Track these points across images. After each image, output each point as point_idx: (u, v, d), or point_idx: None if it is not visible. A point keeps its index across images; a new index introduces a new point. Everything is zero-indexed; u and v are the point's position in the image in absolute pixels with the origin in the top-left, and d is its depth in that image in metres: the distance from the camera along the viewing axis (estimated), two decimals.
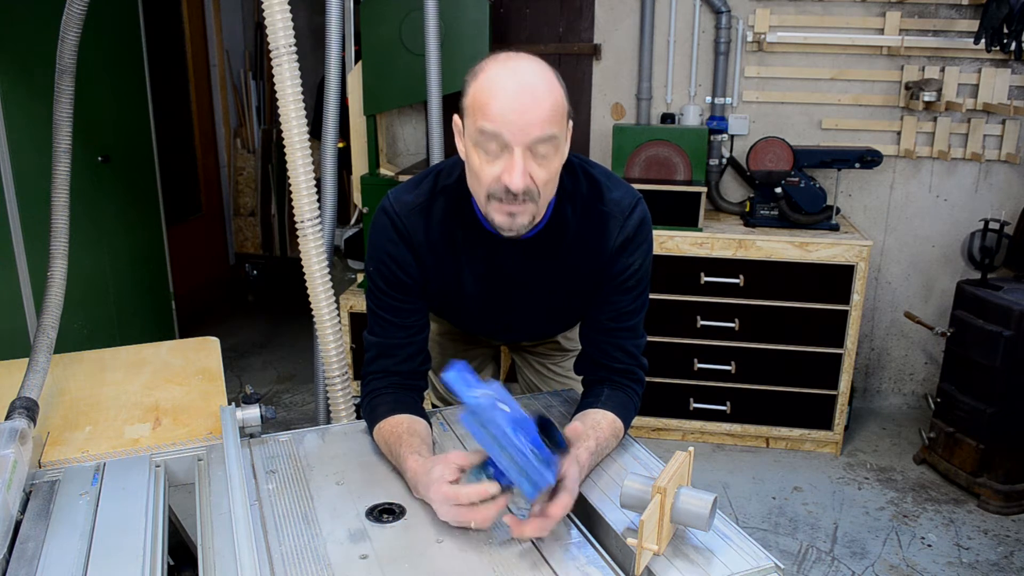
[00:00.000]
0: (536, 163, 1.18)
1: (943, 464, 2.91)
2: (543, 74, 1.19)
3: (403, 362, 1.39)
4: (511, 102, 1.15)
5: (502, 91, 1.16)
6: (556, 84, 1.20)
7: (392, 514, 1.16)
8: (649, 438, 3.19)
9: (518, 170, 1.16)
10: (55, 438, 1.39)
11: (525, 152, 1.17)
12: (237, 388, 3.56)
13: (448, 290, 1.42)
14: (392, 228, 1.36)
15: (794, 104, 3.30)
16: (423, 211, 1.36)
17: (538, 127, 1.15)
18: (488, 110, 1.16)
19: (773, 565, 1.04)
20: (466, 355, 1.86)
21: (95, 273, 3.23)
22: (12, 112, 2.69)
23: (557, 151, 1.21)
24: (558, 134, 1.19)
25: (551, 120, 1.17)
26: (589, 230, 1.35)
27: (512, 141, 1.16)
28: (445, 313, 1.57)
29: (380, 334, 1.40)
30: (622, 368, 1.40)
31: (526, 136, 1.15)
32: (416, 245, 1.36)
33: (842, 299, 2.92)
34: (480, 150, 1.19)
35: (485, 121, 1.16)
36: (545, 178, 1.21)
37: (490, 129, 1.15)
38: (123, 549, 1.05)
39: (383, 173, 3.24)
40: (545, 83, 1.18)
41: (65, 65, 1.73)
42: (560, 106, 1.19)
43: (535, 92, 1.16)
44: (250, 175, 5.04)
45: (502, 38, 3.36)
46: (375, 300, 1.40)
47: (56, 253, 1.71)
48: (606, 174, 1.40)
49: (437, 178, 1.38)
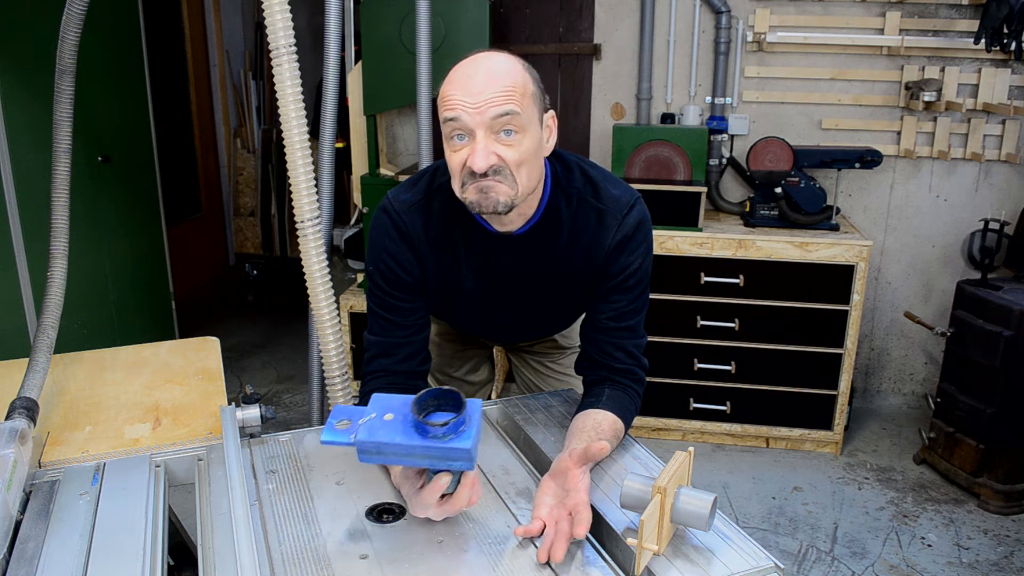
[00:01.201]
0: (502, 144, 1.20)
1: (943, 464, 2.91)
2: (505, 60, 1.21)
3: (402, 361, 1.39)
4: (467, 86, 1.17)
5: (460, 76, 1.19)
6: (519, 67, 1.21)
7: (392, 514, 1.16)
8: (649, 438, 3.19)
9: (480, 149, 1.18)
10: (55, 438, 1.39)
11: (488, 134, 1.18)
12: (237, 388, 3.56)
13: (447, 287, 1.42)
14: (392, 226, 1.37)
15: (794, 104, 3.30)
16: (422, 209, 1.36)
17: (495, 106, 1.16)
18: (447, 97, 1.18)
19: (773, 565, 1.04)
20: (463, 356, 1.86)
21: (95, 273, 3.23)
22: (12, 112, 2.68)
23: (525, 131, 1.21)
24: (519, 111, 1.18)
25: (508, 97, 1.17)
26: (585, 226, 1.35)
27: (471, 123, 1.17)
28: (444, 313, 1.57)
29: (380, 333, 1.40)
30: (622, 368, 1.40)
31: (482, 115, 1.17)
32: (416, 243, 1.37)
33: (842, 299, 2.92)
34: (449, 142, 1.21)
35: (445, 109, 1.19)
36: (515, 158, 1.20)
37: (449, 115, 1.18)
38: (123, 549, 1.04)
39: (383, 173, 3.24)
40: (504, 64, 1.20)
41: (65, 65, 1.73)
42: (521, 85, 1.19)
43: (491, 71, 1.18)
44: (250, 175, 5.04)
45: (502, 38, 3.36)
46: (375, 299, 1.41)
47: (56, 253, 1.71)
48: (604, 174, 1.40)
49: (433, 177, 1.39)
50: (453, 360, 1.86)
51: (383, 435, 1.01)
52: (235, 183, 5.06)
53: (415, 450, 1.01)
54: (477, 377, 1.93)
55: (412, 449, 1.01)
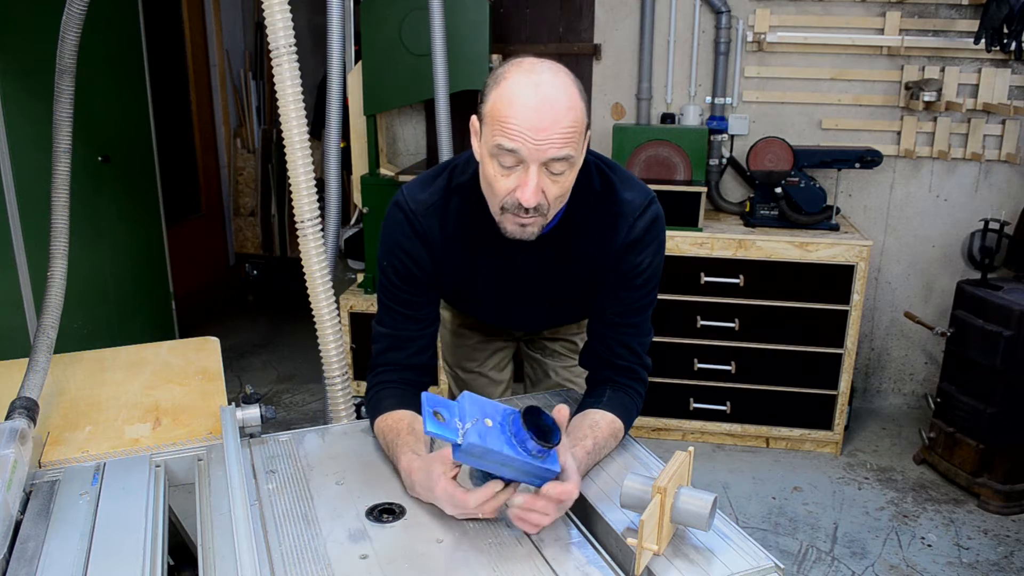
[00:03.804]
0: (550, 179, 1.19)
1: (943, 464, 2.91)
2: (566, 89, 1.17)
3: (415, 355, 1.40)
4: (531, 120, 1.13)
5: (523, 107, 1.14)
6: (578, 99, 1.18)
7: (392, 514, 1.16)
8: (649, 438, 3.19)
9: (531, 187, 1.17)
10: (55, 438, 1.39)
11: (540, 168, 1.17)
12: (237, 388, 3.56)
13: (462, 284, 1.43)
14: (408, 224, 1.36)
15: (794, 104, 3.30)
16: (438, 211, 1.36)
17: (556, 147, 1.15)
18: (507, 126, 1.15)
19: (773, 565, 1.04)
20: (485, 348, 1.85)
21: (95, 273, 3.23)
22: (12, 112, 2.69)
23: (572, 167, 1.21)
24: (574, 154, 1.18)
25: (569, 140, 1.16)
26: (599, 228, 1.36)
27: (528, 158, 1.16)
28: (459, 303, 1.59)
29: (392, 326, 1.40)
30: (625, 366, 1.40)
31: (542, 155, 1.15)
32: (431, 242, 1.37)
33: (842, 299, 2.92)
34: (495, 161, 1.19)
35: (504, 138, 1.15)
36: (557, 193, 1.21)
37: (508, 146, 1.15)
38: (123, 549, 1.04)
39: (383, 173, 3.24)
40: (567, 99, 1.16)
41: (65, 65, 1.73)
42: (580, 123, 1.18)
43: (555, 110, 1.14)
44: (250, 175, 5.04)
45: (502, 38, 3.36)
46: (388, 294, 1.41)
47: (56, 253, 1.71)
48: (620, 174, 1.40)
49: (451, 175, 1.38)
50: (475, 352, 1.85)
51: (492, 442, 1.03)
52: (235, 183, 5.06)
53: (515, 462, 1.04)
54: (501, 376, 1.90)
55: (513, 461, 1.04)
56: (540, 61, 1.20)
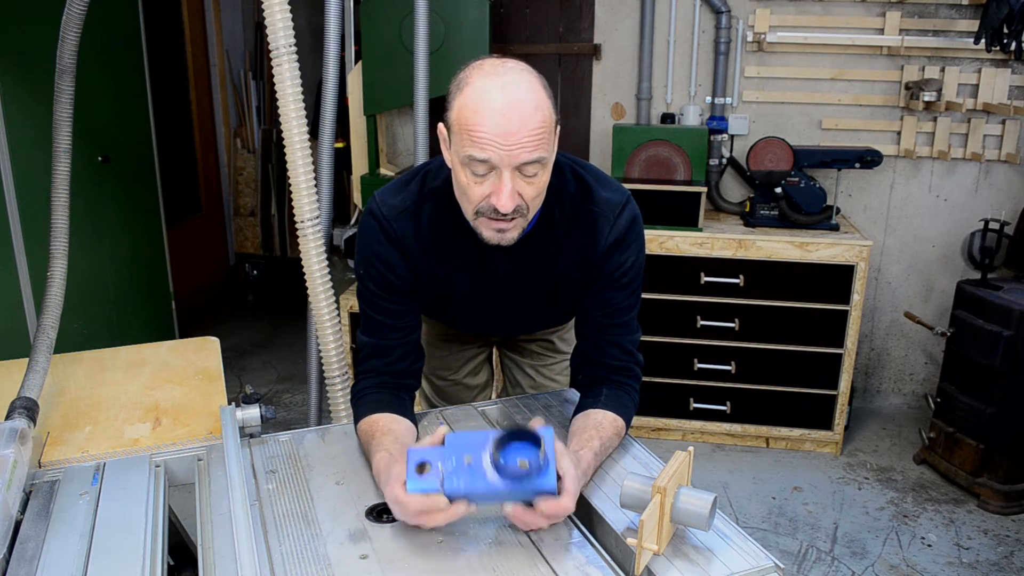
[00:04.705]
0: (524, 181, 1.18)
1: (943, 464, 2.91)
2: (531, 88, 1.16)
3: (395, 362, 1.39)
4: (499, 125, 1.12)
5: (489, 112, 1.13)
6: (544, 97, 1.17)
7: (392, 514, 1.16)
8: (649, 438, 3.19)
9: (506, 192, 1.16)
10: (55, 438, 1.39)
11: (513, 172, 1.16)
12: (237, 388, 3.56)
13: (440, 290, 1.42)
14: (381, 231, 1.35)
15: (794, 104, 3.30)
16: (411, 216, 1.35)
17: (527, 151, 1.14)
18: (476, 134, 1.14)
19: (773, 565, 1.04)
20: (461, 356, 1.85)
21: (95, 273, 3.23)
22: (12, 112, 2.69)
23: (545, 167, 1.21)
24: (546, 155, 1.18)
25: (540, 142, 1.15)
26: (579, 230, 1.35)
27: (500, 164, 1.15)
28: (437, 313, 1.56)
29: (373, 334, 1.40)
30: (618, 366, 1.40)
31: (515, 160, 1.15)
32: (406, 248, 1.36)
33: (842, 299, 2.92)
34: (467, 169, 1.18)
35: (474, 148, 1.14)
36: (533, 194, 1.21)
37: (480, 156, 1.14)
38: (123, 549, 1.05)
39: (383, 173, 3.24)
40: (533, 99, 1.15)
41: (65, 65, 1.73)
42: (548, 122, 1.17)
43: (523, 112, 1.13)
44: (250, 175, 5.04)
45: (502, 38, 3.36)
46: (367, 302, 1.40)
47: (56, 253, 1.71)
48: (595, 174, 1.40)
49: (424, 180, 1.37)
50: (451, 361, 1.85)
51: (470, 484, 1.05)
52: (235, 183, 5.06)
53: (501, 494, 1.06)
54: (476, 380, 1.92)
55: (499, 494, 1.06)
56: (502, 61, 1.18)
